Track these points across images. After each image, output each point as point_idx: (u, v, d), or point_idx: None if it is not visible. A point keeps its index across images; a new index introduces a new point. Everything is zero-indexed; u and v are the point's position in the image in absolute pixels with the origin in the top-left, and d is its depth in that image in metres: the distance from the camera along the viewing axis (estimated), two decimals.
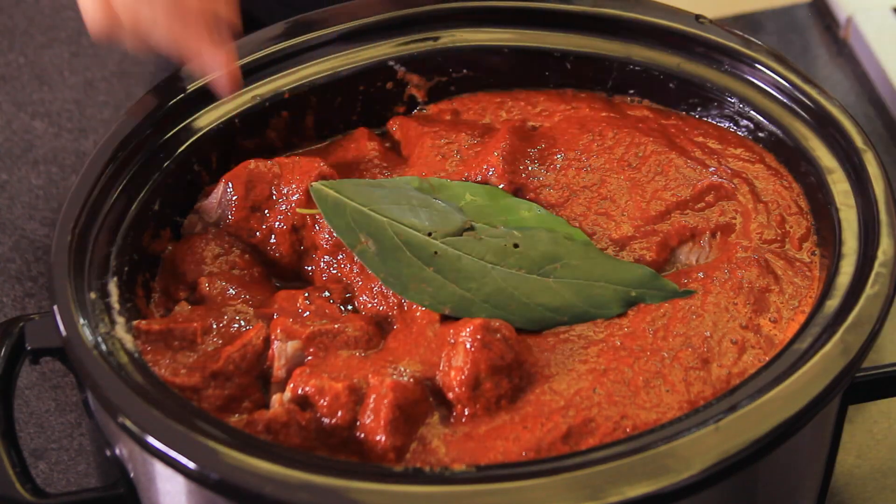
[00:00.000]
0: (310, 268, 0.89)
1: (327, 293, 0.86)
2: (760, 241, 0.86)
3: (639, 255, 0.86)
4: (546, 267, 0.84)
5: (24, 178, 1.17)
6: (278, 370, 0.81)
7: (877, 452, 0.95)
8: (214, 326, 0.83)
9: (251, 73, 0.92)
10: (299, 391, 0.78)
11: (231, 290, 0.86)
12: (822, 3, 1.33)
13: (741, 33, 0.95)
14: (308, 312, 0.84)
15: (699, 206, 0.89)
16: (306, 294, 0.85)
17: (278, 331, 0.82)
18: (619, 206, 0.89)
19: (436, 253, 0.84)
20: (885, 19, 1.28)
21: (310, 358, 0.81)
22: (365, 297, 0.85)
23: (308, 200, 0.88)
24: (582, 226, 0.88)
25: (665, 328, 0.82)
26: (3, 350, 0.80)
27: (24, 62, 1.29)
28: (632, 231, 0.87)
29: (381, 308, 0.84)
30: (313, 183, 0.87)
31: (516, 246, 0.85)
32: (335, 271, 0.87)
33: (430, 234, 0.85)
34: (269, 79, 0.95)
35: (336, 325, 0.82)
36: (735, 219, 0.88)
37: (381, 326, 0.84)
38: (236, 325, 0.83)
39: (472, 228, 0.85)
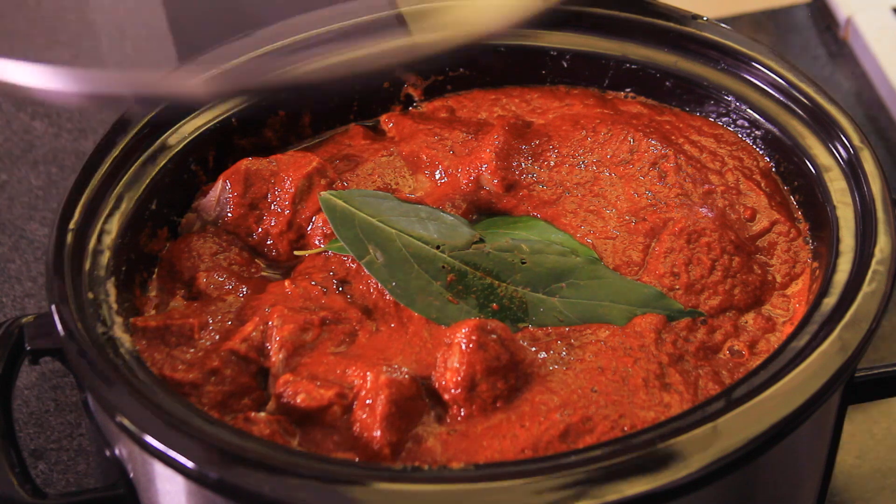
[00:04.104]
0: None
1: (314, 282, 0.86)
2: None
3: (627, 256, 0.86)
4: (552, 286, 0.84)
5: (24, 178, 1.17)
6: (275, 360, 0.81)
7: (877, 452, 0.95)
8: (211, 322, 0.83)
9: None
10: (286, 401, 0.78)
11: (228, 286, 0.86)
12: (822, 3, 1.33)
13: (738, 32, 0.96)
14: (297, 297, 0.84)
15: (688, 202, 0.89)
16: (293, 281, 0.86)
17: (275, 317, 0.82)
18: (611, 203, 0.89)
19: (443, 267, 0.84)
20: (885, 19, 1.28)
21: (299, 357, 0.81)
22: (362, 287, 0.85)
23: (300, 192, 0.88)
24: (572, 223, 0.88)
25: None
26: (3, 350, 0.80)
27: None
28: (620, 231, 0.87)
29: (374, 296, 0.85)
30: (322, 192, 0.87)
31: (524, 262, 0.85)
32: (331, 266, 0.87)
33: (438, 248, 0.85)
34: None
35: (329, 313, 0.82)
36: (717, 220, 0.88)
37: (369, 313, 0.84)
38: (232, 320, 0.83)
39: (480, 241, 0.86)
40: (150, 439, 0.72)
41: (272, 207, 0.89)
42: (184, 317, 0.83)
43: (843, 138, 0.87)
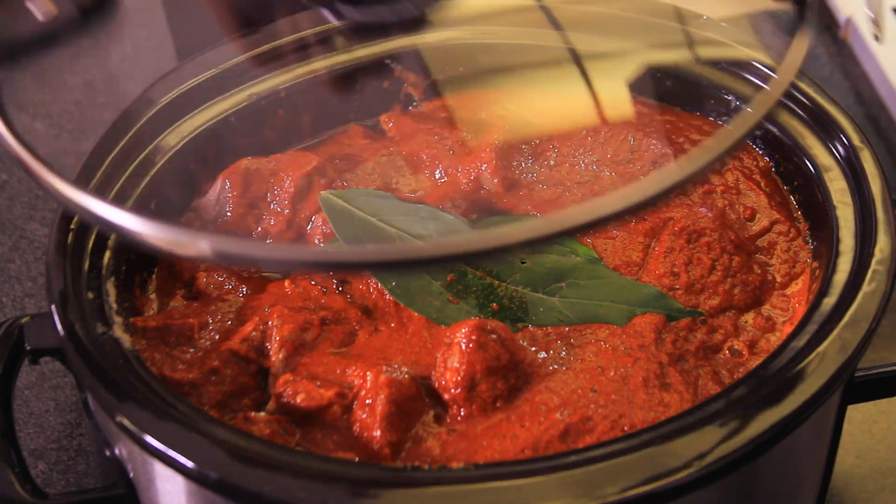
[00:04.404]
0: None
1: (314, 282, 0.86)
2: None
3: (627, 256, 0.86)
4: (552, 286, 0.84)
5: (24, 179, 1.18)
6: (275, 360, 0.81)
7: (877, 452, 0.95)
8: (211, 322, 0.83)
9: (247, 72, 0.92)
10: (286, 400, 0.78)
11: (228, 286, 0.86)
12: (822, 3, 1.33)
13: (738, 32, 0.96)
14: (297, 297, 0.84)
15: (688, 202, 0.89)
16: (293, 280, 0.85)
17: (275, 317, 0.82)
18: None
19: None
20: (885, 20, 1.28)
21: (299, 357, 0.81)
22: (362, 287, 0.85)
23: (300, 192, 0.88)
24: None
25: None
26: (3, 350, 0.80)
27: (24, 63, 1.29)
28: (620, 230, 0.87)
29: (374, 296, 0.85)
30: (322, 192, 0.87)
31: (523, 262, 0.85)
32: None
33: None
34: (264, 77, 0.95)
35: (329, 312, 0.82)
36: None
37: (369, 313, 0.84)
38: (232, 320, 0.83)
39: None
40: (150, 439, 0.72)
41: (272, 207, 0.89)
42: (184, 317, 0.83)
43: (843, 138, 0.87)
